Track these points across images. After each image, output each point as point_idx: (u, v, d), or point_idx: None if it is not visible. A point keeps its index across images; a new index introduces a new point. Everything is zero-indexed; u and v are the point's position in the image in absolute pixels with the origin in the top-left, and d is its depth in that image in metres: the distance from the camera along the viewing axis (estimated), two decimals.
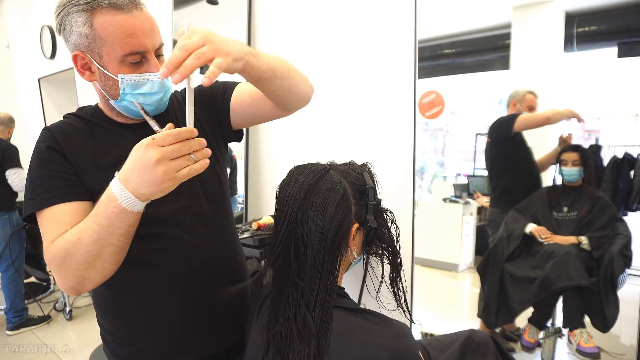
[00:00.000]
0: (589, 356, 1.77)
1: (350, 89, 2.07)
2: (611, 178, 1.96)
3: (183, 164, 0.71)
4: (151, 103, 0.92)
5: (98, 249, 0.77)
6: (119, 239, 0.78)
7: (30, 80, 4.60)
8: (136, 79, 0.88)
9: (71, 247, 0.78)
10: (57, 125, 0.95)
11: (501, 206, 2.25)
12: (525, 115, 2.06)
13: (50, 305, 3.63)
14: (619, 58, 1.80)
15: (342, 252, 0.80)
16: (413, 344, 0.75)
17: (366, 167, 0.91)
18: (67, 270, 0.80)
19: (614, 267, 1.78)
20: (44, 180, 0.88)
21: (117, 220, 0.75)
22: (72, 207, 0.87)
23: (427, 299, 2.33)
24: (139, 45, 0.85)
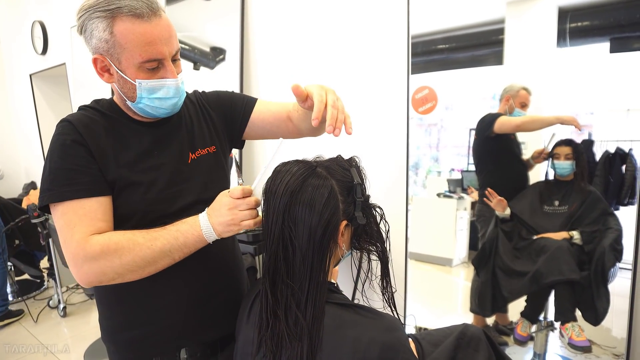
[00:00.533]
0: (580, 349, 1.79)
1: (343, 84, 2.07)
2: (603, 173, 1.97)
3: (248, 216, 0.85)
4: (166, 107, 0.96)
5: (162, 258, 0.87)
6: (181, 256, 0.89)
7: (21, 76, 4.56)
8: (153, 84, 0.92)
9: (139, 248, 0.86)
10: (77, 117, 0.95)
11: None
12: (504, 119, 2.08)
13: (44, 303, 3.62)
14: (611, 53, 1.81)
15: (332, 250, 0.80)
16: (404, 337, 0.75)
17: (354, 162, 0.90)
18: (114, 266, 0.86)
19: (605, 261, 1.80)
20: (67, 174, 0.89)
21: (192, 242, 0.88)
22: (101, 204, 0.91)
23: (421, 294, 2.34)
24: (157, 53, 0.88)
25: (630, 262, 1.66)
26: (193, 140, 1.06)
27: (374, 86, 1.97)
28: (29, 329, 3.21)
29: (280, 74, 2.34)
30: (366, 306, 0.81)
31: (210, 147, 1.09)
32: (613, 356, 1.91)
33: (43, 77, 4.39)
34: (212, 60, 2.77)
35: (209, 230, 0.86)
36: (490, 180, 2.28)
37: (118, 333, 1.03)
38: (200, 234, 0.86)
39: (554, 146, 2.02)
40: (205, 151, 1.08)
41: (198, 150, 1.06)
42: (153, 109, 0.96)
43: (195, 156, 1.05)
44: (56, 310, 3.50)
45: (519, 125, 2.07)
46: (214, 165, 1.10)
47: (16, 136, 5.04)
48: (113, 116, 0.99)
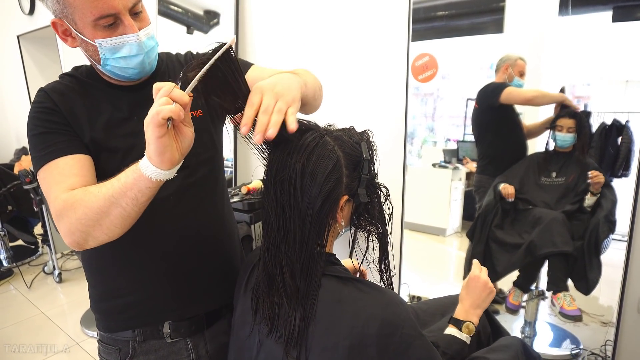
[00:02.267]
0: (571, 318, 1.83)
1: (343, 50, 2.03)
2: (599, 144, 1.97)
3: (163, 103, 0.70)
4: (133, 66, 0.90)
5: (108, 206, 0.78)
6: (128, 202, 0.78)
7: (8, 38, 4.42)
8: (113, 42, 0.85)
9: (87, 198, 0.79)
10: (52, 86, 0.93)
11: (489, 173, 2.26)
12: (512, 90, 2.05)
13: (39, 268, 3.63)
14: (613, 22, 1.78)
15: (329, 223, 0.79)
16: (404, 312, 0.75)
17: (366, 136, 0.85)
18: (74, 221, 0.81)
19: (599, 232, 1.82)
20: (44, 137, 0.87)
21: (131, 180, 0.75)
22: (77, 161, 0.87)
23: (415, 263, 2.37)
24: (108, 8, 0.81)
25: (621, 234, 1.68)
26: None
27: (374, 53, 1.93)
28: (24, 295, 3.23)
29: (277, 40, 2.28)
30: (367, 280, 0.80)
31: (195, 111, 1.03)
32: (601, 324, 1.97)
33: (31, 39, 4.26)
34: (205, 24, 2.69)
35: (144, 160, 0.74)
36: (490, 151, 2.27)
37: (100, 302, 1.03)
38: (136, 166, 0.75)
39: (556, 117, 2.00)
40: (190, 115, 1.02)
41: None
42: (121, 69, 0.90)
43: None
44: (51, 277, 3.51)
45: (529, 100, 2.04)
46: (199, 130, 1.00)
47: (5, 101, 4.93)
48: (90, 82, 0.96)
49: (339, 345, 0.72)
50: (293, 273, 0.77)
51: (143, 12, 0.90)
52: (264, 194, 0.81)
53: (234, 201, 2.04)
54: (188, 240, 1.01)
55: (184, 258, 1.01)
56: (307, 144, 0.76)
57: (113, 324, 1.02)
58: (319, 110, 1.18)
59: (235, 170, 2.61)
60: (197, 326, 1.05)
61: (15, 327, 2.76)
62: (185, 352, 1.04)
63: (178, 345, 1.03)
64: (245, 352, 0.88)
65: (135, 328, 1.00)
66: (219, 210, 1.10)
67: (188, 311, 1.04)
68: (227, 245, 1.13)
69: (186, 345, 1.04)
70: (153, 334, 1.01)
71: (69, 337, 2.63)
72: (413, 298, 2.27)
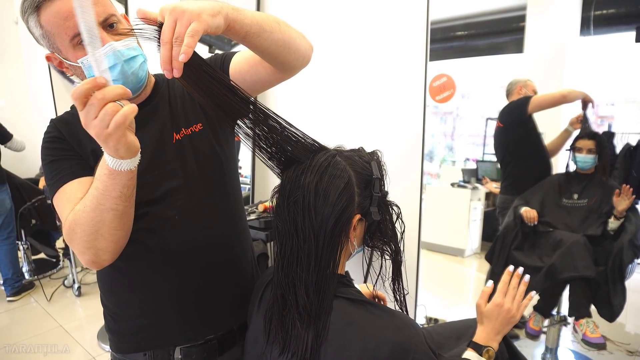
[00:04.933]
0: (594, 346, 1.76)
1: (361, 71, 2.04)
2: (623, 166, 1.93)
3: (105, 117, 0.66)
4: (116, 77, 0.87)
5: (100, 215, 0.78)
6: (117, 202, 0.78)
7: (38, 57, 4.59)
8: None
9: (78, 217, 0.80)
10: (60, 117, 0.97)
11: (513, 193, 2.21)
12: (540, 96, 2.02)
13: (59, 282, 3.68)
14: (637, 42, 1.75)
15: (342, 243, 0.79)
16: (416, 336, 0.73)
17: (375, 156, 0.86)
18: (79, 242, 0.82)
19: (623, 257, 1.76)
20: (52, 165, 0.90)
21: (110, 182, 0.75)
22: (81, 184, 0.88)
23: (432, 284, 2.33)
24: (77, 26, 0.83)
25: None
26: (176, 119, 0.99)
27: (392, 73, 1.93)
28: (44, 308, 3.27)
29: None
30: (378, 303, 0.79)
31: (194, 125, 1.00)
32: (627, 353, 1.89)
33: None
34: (227, 44, 2.74)
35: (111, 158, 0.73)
36: (515, 171, 2.22)
37: (113, 322, 1.02)
38: (109, 168, 0.73)
39: (576, 139, 1.97)
40: (190, 131, 0.99)
41: (182, 130, 0.98)
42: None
43: (179, 136, 0.97)
44: (71, 290, 3.56)
45: (565, 96, 1.98)
46: (201, 144, 1.00)
47: (33, 117, 5.08)
48: None
49: None
50: (305, 293, 0.77)
51: (119, 25, 0.88)
52: (277, 214, 0.81)
53: (251, 219, 2.05)
54: (195, 259, 0.99)
55: (191, 278, 0.99)
56: (319, 164, 0.77)
57: (125, 345, 1.01)
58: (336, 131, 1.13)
59: (252, 188, 2.62)
60: (209, 353, 1.02)
61: (34, 340, 2.79)
62: None
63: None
64: None
65: (146, 351, 0.99)
66: (229, 228, 1.06)
67: (200, 334, 1.01)
68: (238, 264, 1.09)
69: None
70: (164, 358, 0.99)
71: (85, 351, 2.64)
72: (430, 320, 2.23)
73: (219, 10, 0.70)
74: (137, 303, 0.98)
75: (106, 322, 1.04)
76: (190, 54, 0.64)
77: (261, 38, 0.82)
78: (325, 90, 2.15)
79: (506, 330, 0.98)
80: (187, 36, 0.65)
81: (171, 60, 0.65)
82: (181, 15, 0.66)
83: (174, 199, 0.93)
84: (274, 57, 0.90)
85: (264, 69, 0.97)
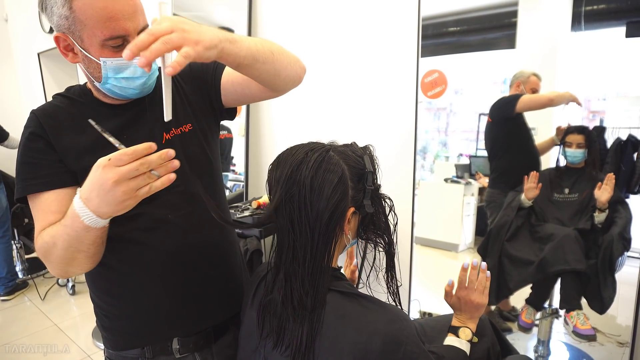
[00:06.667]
0: (585, 338, 1.79)
1: (352, 67, 2.04)
2: (614, 160, 1.95)
3: (143, 183, 0.71)
4: (134, 87, 0.90)
5: (71, 254, 0.81)
6: (89, 247, 0.81)
7: (29, 55, 4.55)
8: (118, 63, 0.86)
9: (49, 247, 0.82)
10: (43, 108, 0.94)
11: (500, 187, 2.24)
12: (528, 96, 2.04)
13: (53, 281, 3.68)
14: (627, 38, 1.76)
15: (337, 236, 0.80)
16: (407, 328, 0.75)
17: (367, 151, 0.88)
18: (50, 264, 0.86)
19: (613, 249, 1.78)
20: (28, 167, 0.89)
21: (83, 233, 0.77)
22: (57, 196, 0.88)
23: (426, 279, 2.34)
24: (120, 30, 0.82)
25: (637, 251, 1.65)
26: None
27: (383, 69, 1.94)
28: (38, 307, 3.27)
29: None
30: (370, 296, 0.80)
31: (184, 125, 1.02)
32: (617, 344, 1.92)
33: (51, 56, 4.37)
34: None
35: (90, 217, 0.73)
36: (502, 164, 2.25)
37: (108, 321, 1.03)
38: (84, 224, 0.74)
39: (565, 133, 1.99)
40: (179, 131, 1.00)
41: (172, 130, 0.99)
42: (121, 89, 0.90)
43: (169, 136, 0.99)
44: (65, 289, 3.55)
45: (552, 99, 2.02)
46: (190, 145, 1.02)
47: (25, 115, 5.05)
48: (82, 101, 0.96)
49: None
50: (300, 286, 0.78)
51: None
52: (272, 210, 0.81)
53: (245, 215, 2.05)
54: (190, 256, 1.01)
55: (187, 275, 1.01)
56: (314, 159, 0.78)
57: (122, 342, 1.02)
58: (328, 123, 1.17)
59: (246, 185, 2.63)
60: (205, 340, 1.06)
61: (29, 339, 2.79)
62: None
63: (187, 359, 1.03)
64: None
65: (144, 346, 1.00)
66: (218, 225, 1.07)
67: (196, 327, 1.04)
68: (229, 258, 1.13)
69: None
70: (162, 351, 1.01)
71: (80, 350, 2.64)
72: (424, 314, 2.24)
73: (216, 44, 0.72)
74: (134, 301, 0.99)
75: (99, 320, 1.04)
76: (177, 71, 0.65)
77: (253, 68, 0.85)
78: (317, 87, 2.15)
79: (478, 315, 1.06)
80: (180, 55, 0.66)
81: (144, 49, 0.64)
82: (181, 30, 0.66)
83: (167, 198, 0.93)
84: (264, 83, 0.93)
85: (256, 86, 1.00)
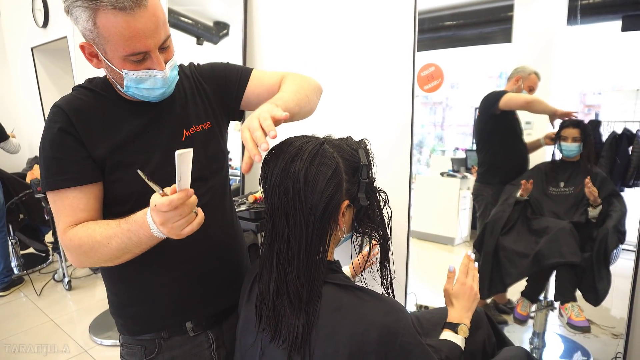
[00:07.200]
0: (579, 330, 1.80)
1: (348, 61, 2.04)
2: (609, 154, 1.95)
3: (185, 224, 0.79)
4: (155, 96, 0.95)
5: (121, 254, 0.88)
6: (142, 251, 0.88)
7: (23, 50, 4.52)
8: (139, 75, 0.90)
9: (98, 247, 0.87)
10: (68, 101, 0.96)
11: (487, 180, 2.26)
12: (511, 95, 2.05)
13: (49, 276, 3.67)
14: (623, 32, 1.77)
15: (332, 229, 0.80)
16: (404, 320, 0.75)
17: (363, 144, 0.89)
18: (86, 259, 0.91)
19: (608, 242, 1.80)
20: (58, 163, 0.92)
21: (146, 240, 0.84)
22: (85, 194, 0.93)
23: (423, 272, 2.35)
24: (141, 47, 0.86)
25: (632, 244, 1.66)
26: (187, 117, 1.06)
27: (380, 63, 1.94)
28: (34, 302, 3.26)
29: (285, 50, 2.30)
30: (366, 288, 0.81)
31: (204, 123, 1.08)
32: (612, 336, 1.93)
33: (45, 51, 4.34)
34: (215, 35, 2.73)
35: (157, 231, 0.82)
36: (489, 158, 2.26)
37: (123, 308, 1.07)
38: (152, 234, 0.82)
39: (561, 127, 2.00)
40: (200, 128, 1.07)
41: (192, 127, 1.05)
42: (142, 96, 0.95)
43: (189, 133, 1.04)
44: (61, 284, 3.55)
45: (529, 102, 2.04)
46: (209, 141, 1.09)
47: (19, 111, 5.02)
48: (106, 95, 0.99)
49: (340, 352, 0.72)
50: (296, 279, 0.78)
51: (170, 45, 0.94)
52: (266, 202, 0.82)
53: (241, 209, 2.06)
54: (206, 247, 1.07)
55: (203, 263, 1.07)
56: (308, 152, 0.78)
57: (138, 327, 1.07)
58: (324, 118, 1.21)
59: (242, 179, 2.62)
60: (216, 319, 1.13)
61: (24, 335, 2.78)
62: (206, 344, 1.11)
63: (200, 338, 1.11)
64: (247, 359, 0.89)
65: (160, 330, 1.06)
66: (229, 215, 1.16)
67: (208, 310, 1.11)
68: (239, 247, 1.21)
69: (207, 337, 1.12)
70: (177, 331, 1.08)
71: (77, 345, 2.64)
72: (420, 307, 2.25)
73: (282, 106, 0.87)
74: (150, 289, 1.05)
75: (114, 308, 1.09)
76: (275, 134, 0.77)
77: (297, 115, 0.99)
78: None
79: (474, 307, 1.07)
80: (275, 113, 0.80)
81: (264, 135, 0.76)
82: (262, 113, 0.79)
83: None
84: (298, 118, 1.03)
85: None
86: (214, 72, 1.14)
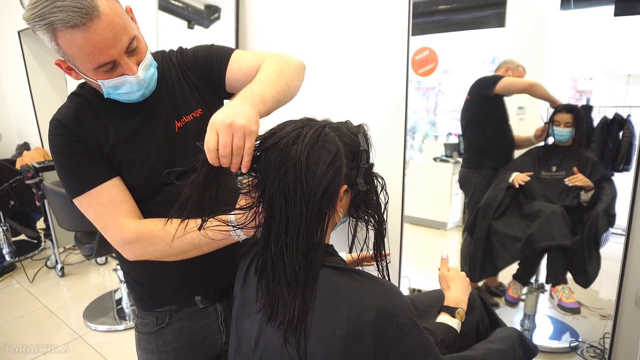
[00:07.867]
0: (569, 311, 1.84)
1: (343, 45, 2.03)
2: (600, 138, 1.97)
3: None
4: (135, 98, 0.97)
5: (191, 250, 0.94)
6: (210, 249, 0.94)
7: (9, 34, 4.42)
8: (114, 82, 0.92)
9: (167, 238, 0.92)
10: (64, 113, 0.98)
11: (474, 165, 2.27)
12: (510, 79, 2.06)
13: (42, 263, 3.65)
14: (615, 17, 1.77)
15: (329, 213, 0.80)
16: (400, 302, 0.76)
17: (362, 129, 0.88)
18: (153, 252, 0.96)
19: (598, 225, 1.83)
20: (74, 170, 0.95)
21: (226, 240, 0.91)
22: (116, 185, 0.97)
23: (416, 256, 2.38)
24: (105, 58, 0.86)
25: (621, 227, 1.68)
26: (177, 108, 1.06)
27: (374, 47, 1.93)
28: (27, 289, 3.25)
29: (277, 34, 2.28)
30: (363, 271, 0.81)
31: (195, 111, 1.08)
32: (600, 317, 1.98)
33: (32, 35, 4.23)
34: (206, 19, 2.69)
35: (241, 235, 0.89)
36: (476, 143, 2.28)
37: (136, 286, 1.14)
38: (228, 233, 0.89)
39: (554, 112, 2.01)
40: (191, 117, 1.07)
41: (183, 117, 1.06)
42: (125, 100, 0.97)
43: (181, 124, 1.05)
44: (54, 271, 3.53)
45: (532, 85, 2.05)
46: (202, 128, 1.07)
47: (7, 96, 4.94)
48: (98, 101, 1.00)
49: (336, 334, 0.73)
50: (293, 261, 0.78)
51: (139, 45, 0.92)
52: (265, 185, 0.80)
53: None
54: None
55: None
56: (310, 135, 0.77)
57: (151, 303, 1.14)
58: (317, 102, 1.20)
59: None
60: (224, 292, 1.19)
61: (19, 321, 2.78)
62: (214, 315, 1.18)
63: (208, 310, 1.17)
64: (244, 342, 0.89)
65: (172, 304, 1.13)
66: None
67: (215, 285, 1.17)
68: None
69: (215, 309, 1.18)
70: (187, 304, 1.14)
71: (71, 330, 2.65)
72: (413, 291, 2.28)
73: (256, 113, 0.81)
74: (161, 271, 1.10)
75: (129, 286, 1.17)
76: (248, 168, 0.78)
77: (277, 107, 0.97)
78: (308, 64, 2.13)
79: (468, 291, 1.10)
80: (246, 154, 0.76)
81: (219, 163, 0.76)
82: (237, 130, 0.75)
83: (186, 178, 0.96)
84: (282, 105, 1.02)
85: None
86: (195, 58, 1.12)
